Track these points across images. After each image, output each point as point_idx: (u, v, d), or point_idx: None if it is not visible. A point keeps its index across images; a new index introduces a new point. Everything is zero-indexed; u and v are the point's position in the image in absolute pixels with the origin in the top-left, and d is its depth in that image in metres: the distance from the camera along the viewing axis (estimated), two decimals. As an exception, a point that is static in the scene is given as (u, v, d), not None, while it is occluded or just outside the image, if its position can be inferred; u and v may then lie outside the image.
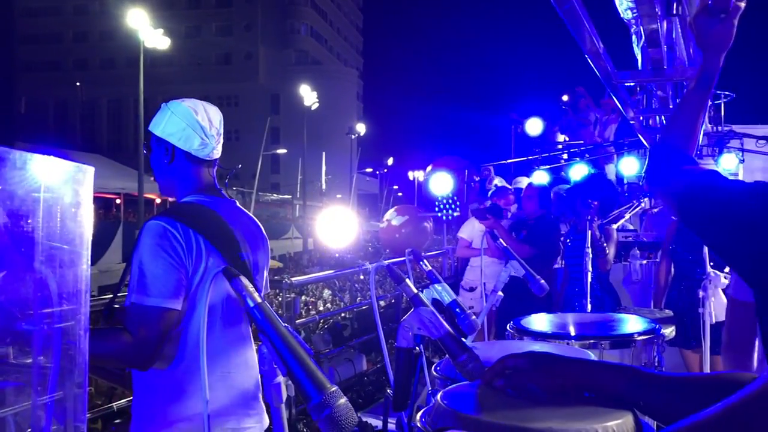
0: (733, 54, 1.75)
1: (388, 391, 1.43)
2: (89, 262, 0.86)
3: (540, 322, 2.53)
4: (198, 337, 1.89)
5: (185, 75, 57.70)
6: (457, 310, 1.83)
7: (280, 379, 1.03)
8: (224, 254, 1.93)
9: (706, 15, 1.66)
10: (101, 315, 1.95)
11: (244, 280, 1.06)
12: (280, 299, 5.68)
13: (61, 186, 0.81)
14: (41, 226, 0.82)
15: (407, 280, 1.48)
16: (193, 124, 2.01)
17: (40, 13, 62.27)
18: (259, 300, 1.05)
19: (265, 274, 2.18)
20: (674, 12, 2.42)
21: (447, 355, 1.49)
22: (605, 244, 4.84)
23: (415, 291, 1.46)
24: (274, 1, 65.41)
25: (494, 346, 2.08)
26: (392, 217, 6.85)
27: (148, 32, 24.24)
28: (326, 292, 16.50)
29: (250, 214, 2.21)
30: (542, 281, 2.50)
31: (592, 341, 2.27)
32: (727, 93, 9.98)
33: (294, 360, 0.99)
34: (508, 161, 12.60)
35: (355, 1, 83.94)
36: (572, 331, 2.38)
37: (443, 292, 1.86)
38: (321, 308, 14.19)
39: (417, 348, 1.47)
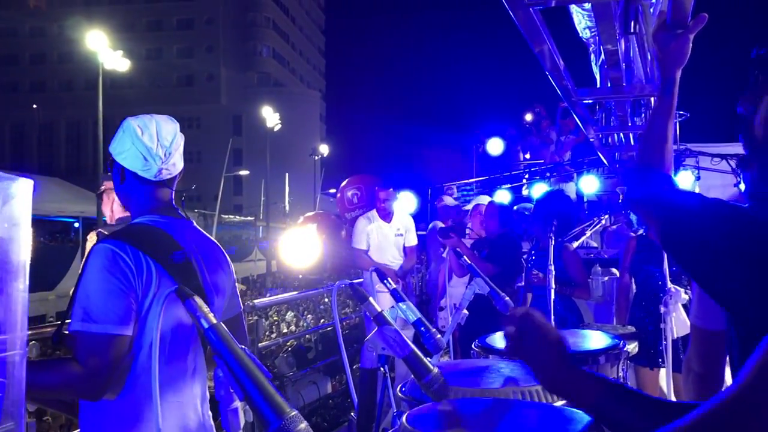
0: (686, 75, 1.79)
1: (352, 414, 1.39)
2: (27, 286, 0.80)
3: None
4: (148, 365, 1.81)
5: (146, 97, 56.98)
6: (422, 328, 1.79)
7: (238, 404, 0.98)
8: (176, 277, 1.85)
9: (664, 31, 1.70)
10: (51, 342, 1.85)
11: (199, 301, 1.01)
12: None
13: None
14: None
15: (371, 299, 1.44)
16: (138, 144, 1.93)
17: (-5, 34, 61.26)
18: (214, 321, 1.00)
19: (231, 294, 2.11)
20: (632, 30, 2.45)
21: (411, 375, 1.46)
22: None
23: (379, 309, 1.42)
24: (235, 24, 65.34)
25: (459, 365, 2.05)
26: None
27: (108, 54, 23.95)
28: (290, 314, 16.32)
29: (209, 236, 2.13)
30: (507, 298, 2.48)
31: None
32: (682, 113, 10.24)
33: (251, 384, 0.94)
34: (471, 180, 12.70)
35: (317, 23, 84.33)
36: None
37: (408, 310, 1.82)
38: (285, 330, 14.02)
39: (382, 368, 1.43)
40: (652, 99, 3.90)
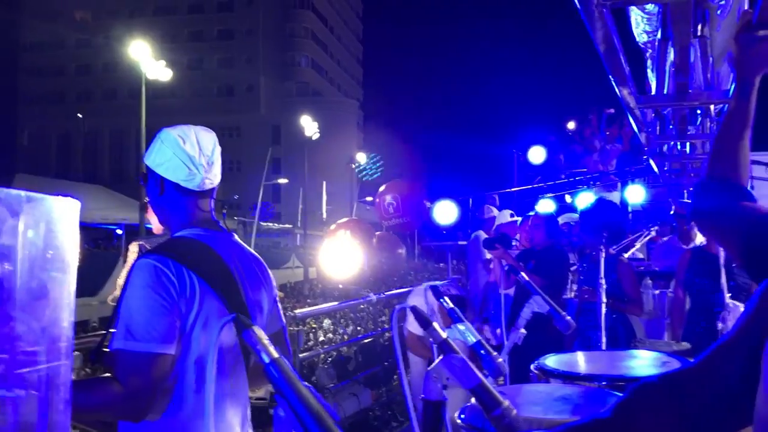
0: None
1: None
2: (72, 315, 0.71)
3: (564, 362, 2.37)
4: (196, 384, 1.73)
5: (187, 106, 57.89)
6: (482, 352, 1.68)
7: (300, 448, 0.88)
8: (220, 293, 1.77)
9: (748, 31, 1.55)
10: (88, 357, 1.78)
11: (258, 332, 0.92)
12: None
13: (41, 223, 0.67)
14: (18, 271, 0.68)
15: (435, 324, 1.33)
16: (180, 154, 1.86)
17: (44, 46, 63.04)
18: (275, 355, 0.90)
19: (271, 309, 2.02)
20: (699, 33, 2.31)
21: (475, 401, 1.35)
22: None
23: (444, 336, 1.31)
24: (275, 34, 66.04)
25: (520, 391, 1.93)
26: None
27: (151, 64, 24.39)
28: (327, 322, 16.25)
29: (251, 249, 2.05)
30: (568, 317, 2.35)
31: (620, 384, 2.11)
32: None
33: (317, 427, 0.84)
34: (512, 189, 12.51)
35: (355, 33, 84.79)
36: (598, 372, 2.22)
37: (467, 332, 1.71)
38: (322, 338, 13.97)
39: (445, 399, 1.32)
40: (712, 107, 3.73)
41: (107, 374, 1.66)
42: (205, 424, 1.63)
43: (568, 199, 11.62)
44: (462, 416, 1.74)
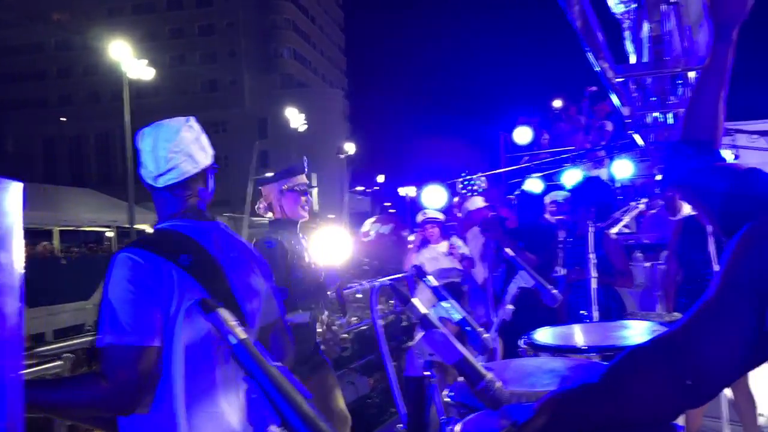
0: None
1: (399, 426, 1.26)
2: (20, 305, 0.69)
3: (553, 335, 2.36)
4: (183, 374, 1.72)
5: (171, 104, 57.34)
6: (468, 328, 1.67)
7: (274, 429, 0.86)
8: (203, 283, 1.76)
9: None
10: (85, 358, 1.78)
11: (224, 314, 0.89)
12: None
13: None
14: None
15: (414, 300, 1.31)
16: (143, 155, 1.92)
17: (23, 50, 62.32)
18: (242, 336, 0.88)
19: (267, 298, 2.00)
20: (673, 0, 2.29)
21: (461, 378, 1.33)
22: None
23: (425, 311, 1.29)
24: (256, 27, 65.58)
25: (509, 366, 1.91)
26: (376, 227, 6.63)
27: (132, 64, 24.17)
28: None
29: (241, 238, 2.03)
30: (554, 291, 2.33)
31: (610, 353, 2.10)
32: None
33: (289, 408, 0.81)
34: (499, 171, 12.50)
35: (337, 22, 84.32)
36: (589, 344, 2.21)
37: (452, 309, 1.70)
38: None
39: (429, 375, 1.30)
40: (692, 74, 3.71)
41: (95, 370, 1.65)
42: (175, 414, 1.64)
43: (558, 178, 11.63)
44: (451, 394, 1.72)
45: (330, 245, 6.54)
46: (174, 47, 63.22)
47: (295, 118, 42.35)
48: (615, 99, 3.95)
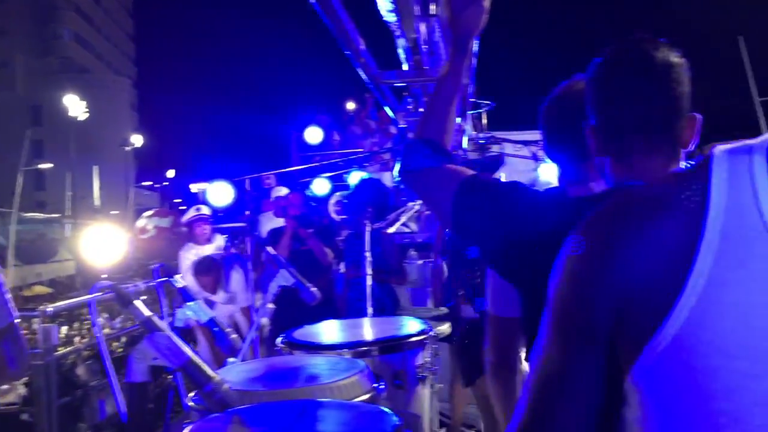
0: (492, 66, 1.74)
1: None
2: None
3: (314, 332, 2.40)
4: None
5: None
6: (216, 329, 1.63)
7: None
8: None
9: None
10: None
11: None
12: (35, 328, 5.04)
13: None
14: None
15: (136, 302, 1.24)
16: None
17: None
18: None
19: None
20: (431, 12, 2.43)
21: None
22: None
23: (148, 314, 1.23)
24: (32, 5, 59.59)
25: (259, 365, 1.90)
26: (155, 221, 6.28)
27: None
28: (104, 317, 15.13)
29: None
30: (313, 289, 2.37)
31: (364, 349, 2.18)
32: (487, 102, 10.82)
33: None
34: (289, 169, 12.53)
35: (124, 6, 79.19)
36: (346, 340, 2.28)
37: (199, 310, 1.65)
38: (81, 336, 13.01)
39: (170, 377, 1.25)
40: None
41: None
42: None
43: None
44: (195, 398, 1.67)
45: (100, 244, 6.12)
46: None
47: (75, 105, 39.12)
48: (388, 109, 4.13)
